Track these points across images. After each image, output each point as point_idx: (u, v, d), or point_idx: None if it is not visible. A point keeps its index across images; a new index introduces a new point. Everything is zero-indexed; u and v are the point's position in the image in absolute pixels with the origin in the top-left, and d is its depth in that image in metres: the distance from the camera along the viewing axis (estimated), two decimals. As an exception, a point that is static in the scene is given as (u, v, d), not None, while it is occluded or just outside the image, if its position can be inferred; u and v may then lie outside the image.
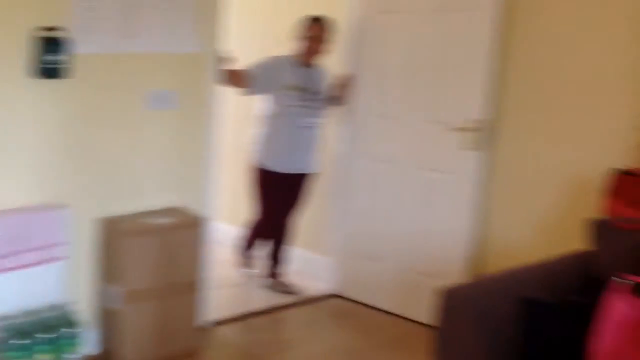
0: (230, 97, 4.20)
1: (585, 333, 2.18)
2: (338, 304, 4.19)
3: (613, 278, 2.19)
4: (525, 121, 3.48)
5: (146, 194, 3.40)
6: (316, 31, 4.00)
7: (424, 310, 3.44)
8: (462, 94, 3.66)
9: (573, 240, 2.77)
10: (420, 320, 3.76)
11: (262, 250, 4.43)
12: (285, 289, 4.28)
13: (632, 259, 2.41)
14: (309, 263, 4.59)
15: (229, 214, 4.88)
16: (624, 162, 2.87)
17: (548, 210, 3.40)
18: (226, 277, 4.41)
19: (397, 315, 3.94)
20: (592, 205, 2.93)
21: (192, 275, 3.40)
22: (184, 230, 3.35)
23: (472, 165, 3.65)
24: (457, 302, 2.33)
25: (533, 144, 3.45)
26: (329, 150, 4.32)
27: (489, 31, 3.53)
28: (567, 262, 2.62)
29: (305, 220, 4.57)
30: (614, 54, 3.14)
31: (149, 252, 3.22)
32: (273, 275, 4.36)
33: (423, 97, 3.84)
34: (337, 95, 4.14)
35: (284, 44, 4.17)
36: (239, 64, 3.84)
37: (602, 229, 2.60)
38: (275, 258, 4.36)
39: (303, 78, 4.04)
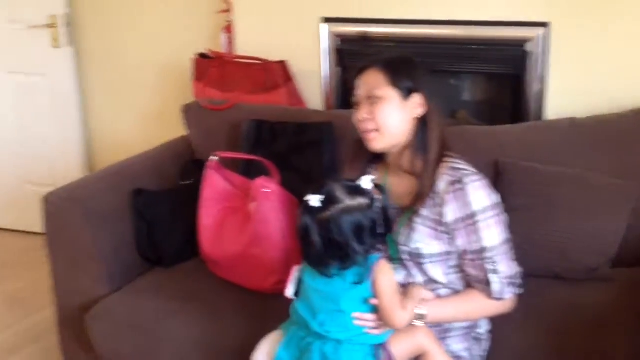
0: None
1: (192, 212, 2.27)
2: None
3: (210, 158, 2.29)
4: (110, 12, 3.33)
5: None
6: None
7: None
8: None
9: (174, 125, 2.82)
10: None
11: None
12: None
13: (220, 137, 2.49)
14: None
15: None
16: (212, 46, 2.95)
17: (148, 100, 3.36)
18: None
19: (19, 232, 3.64)
20: (186, 90, 3.00)
21: None
22: None
23: (64, 63, 3.40)
24: (60, 204, 2.19)
25: (122, 35, 3.34)
26: None
27: None
28: (170, 149, 2.62)
29: None
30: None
31: None
32: None
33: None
34: None
35: None
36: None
37: (192, 112, 2.63)
38: None
39: None
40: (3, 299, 3.03)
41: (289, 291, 1.61)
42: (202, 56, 2.84)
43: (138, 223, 2.28)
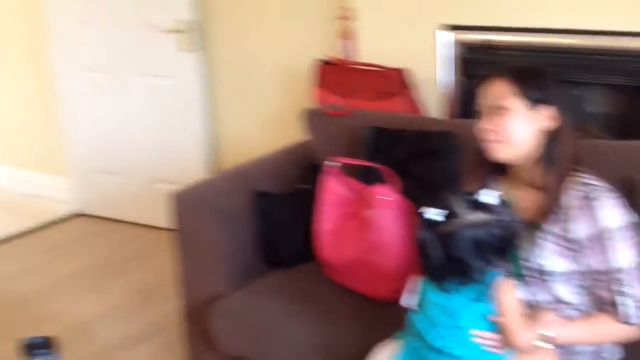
0: None
1: (310, 215, 2.31)
2: (83, 223, 3.99)
3: (325, 162, 2.34)
4: (235, 19, 3.44)
5: None
6: None
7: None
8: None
9: (295, 129, 2.88)
10: (168, 227, 3.74)
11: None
12: None
13: (340, 143, 2.51)
14: (45, 186, 4.28)
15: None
16: (328, 52, 2.98)
17: (269, 104, 3.44)
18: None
19: (146, 226, 3.83)
20: (307, 95, 3.05)
21: None
22: None
23: (191, 67, 3.54)
24: (189, 203, 2.29)
25: (246, 41, 3.43)
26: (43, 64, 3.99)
27: None
28: (290, 152, 2.68)
29: (34, 142, 4.23)
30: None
31: None
32: None
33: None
34: None
35: None
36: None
37: (313, 117, 2.67)
38: None
39: None
40: (131, 290, 3.19)
41: (408, 300, 1.60)
42: (324, 62, 2.89)
43: (260, 225, 2.35)
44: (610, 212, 1.52)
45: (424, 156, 2.35)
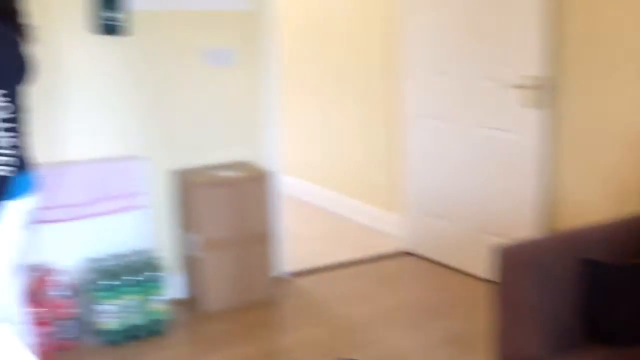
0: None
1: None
2: (410, 261, 4.17)
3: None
4: (586, 77, 3.27)
5: (216, 149, 3.55)
6: None
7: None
8: (519, 50, 3.46)
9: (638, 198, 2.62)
10: (488, 278, 3.69)
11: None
12: None
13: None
14: (382, 221, 4.61)
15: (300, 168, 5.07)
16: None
17: (614, 168, 3.21)
18: (300, 230, 4.51)
19: (467, 274, 3.87)
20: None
21: (264, 227, 3.48)
22: (252, 183, 3.43)
23: (534, 123, 3.46)
24: (513, 259, 2.24)
25: (596, 100, 3.24)
26: (395, 109, 4.28)
27: (545, -16, 3.32)
28: (632, 223, 2.46)
29: (377, 179, 4.57)
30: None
31: (221, 203, 3.33)
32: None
33: (479, 53, 3.68)
34: None
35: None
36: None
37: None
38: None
39: None
40: (444, 334, 3.21)
41: None
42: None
43: (588, 295, 2.20)
44: None
45: None
